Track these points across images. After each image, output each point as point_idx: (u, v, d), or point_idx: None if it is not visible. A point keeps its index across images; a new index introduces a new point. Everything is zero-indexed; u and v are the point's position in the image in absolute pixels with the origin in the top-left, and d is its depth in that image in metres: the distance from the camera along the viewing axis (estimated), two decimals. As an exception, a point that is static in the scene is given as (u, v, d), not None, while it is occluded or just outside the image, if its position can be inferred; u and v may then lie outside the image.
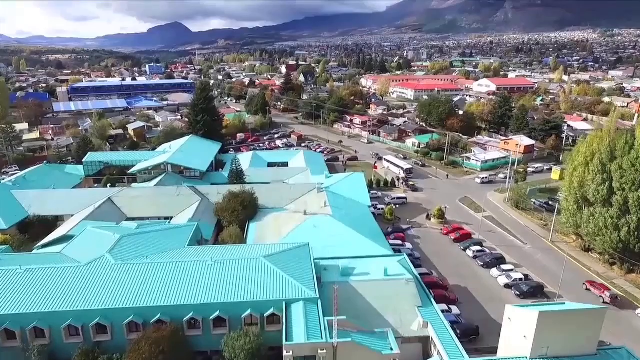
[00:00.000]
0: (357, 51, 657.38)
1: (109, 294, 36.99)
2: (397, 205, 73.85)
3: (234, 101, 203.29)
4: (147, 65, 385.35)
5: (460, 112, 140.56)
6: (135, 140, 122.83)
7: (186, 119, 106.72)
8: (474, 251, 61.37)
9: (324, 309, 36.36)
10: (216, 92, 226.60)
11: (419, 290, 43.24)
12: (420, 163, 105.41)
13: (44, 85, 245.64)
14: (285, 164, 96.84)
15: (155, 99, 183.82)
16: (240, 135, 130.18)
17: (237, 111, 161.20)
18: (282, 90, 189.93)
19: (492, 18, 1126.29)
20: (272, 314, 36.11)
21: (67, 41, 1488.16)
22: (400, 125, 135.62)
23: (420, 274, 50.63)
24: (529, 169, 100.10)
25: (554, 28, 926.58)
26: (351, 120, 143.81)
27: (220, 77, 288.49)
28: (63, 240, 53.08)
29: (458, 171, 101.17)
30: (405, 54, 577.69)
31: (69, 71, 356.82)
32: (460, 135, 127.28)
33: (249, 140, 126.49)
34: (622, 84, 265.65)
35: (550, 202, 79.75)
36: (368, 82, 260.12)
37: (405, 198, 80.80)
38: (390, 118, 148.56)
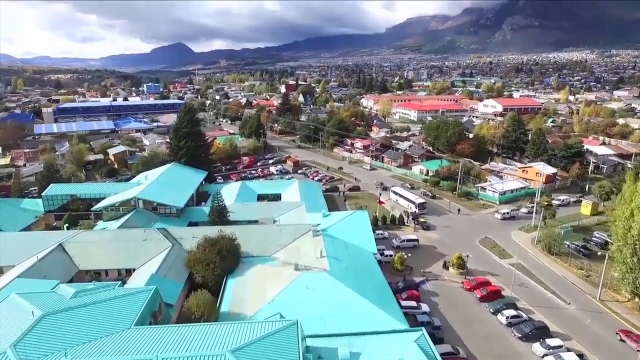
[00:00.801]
0: (358, 71, 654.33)
1: None
2: (409, 254, 61.19)
3: (230, 122, 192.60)
4: (144, 85, 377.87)
5: (470, 135, 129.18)
6: (116, 166, 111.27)
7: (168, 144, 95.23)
8: (507, 317, 48.49)
9: None
10: (211, 113, 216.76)
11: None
12: (430, 194, 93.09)
13: (35, 105, 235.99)
14: (277, 197, 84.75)
15: (145, 120, 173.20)
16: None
17: (231, 133, 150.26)
18: (280, 111, 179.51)
19: (490, 39, 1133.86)
20: None
21: (71, 61, 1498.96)
22: (406, 149, 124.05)
23: (444, 355, 38.10)
24: (553, 202, 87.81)
25: (552, 49, 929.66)
26: (352, 144, 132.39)
27: (217, 97, 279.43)
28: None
29: (473, 204, 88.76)
30: (405, 74, 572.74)
31: (65, 91, 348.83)
32: (472, 161, 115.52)
33: (243, 165, 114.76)
34: (630, 104, 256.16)
35: (587, 246, 67.20)
36: (369, 103, 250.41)
37: (417, 240, 68.18)
38: (393, 142, 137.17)
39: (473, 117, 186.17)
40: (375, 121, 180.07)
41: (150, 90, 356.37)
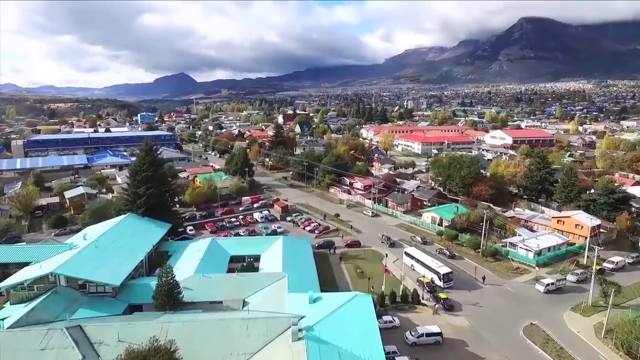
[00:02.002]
0: (357, 100, 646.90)
1: None
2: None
3: (218, 155, 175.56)
4: (138, 114, 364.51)
5: (487, 174, 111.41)
6: (72, 212, 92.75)
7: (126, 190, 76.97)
8: None
9: None
10: (201, 145, 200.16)
11: None
12: (448, 252, 74.10)
13: (15, 135, 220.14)
14: (256, 259, 65.91)
15: (125, 153, 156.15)
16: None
17: (216, 170, 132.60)
18: (272, 143, 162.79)
19: (487, 69, 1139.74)
20: None
21: (75, 90, 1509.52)
22: (413, 191, 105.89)
23: None
24: (604, 264, 68.74)
25: (548, 79, 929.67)
26: (351, 184, 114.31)
27: (210, 128, 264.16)
28: None
29: (504, 267, 69.62)
30: (405, 104, 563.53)
31: (55, 120, 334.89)
32: (491, 206, 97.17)
33: (222, 212, 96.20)
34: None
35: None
36: (369, 134, 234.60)
37: (440, 334, 48.71)
38: (398, 180, 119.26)
39: (483, 150, 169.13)
40: (376, 155, 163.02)
41: (144, 119, 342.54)
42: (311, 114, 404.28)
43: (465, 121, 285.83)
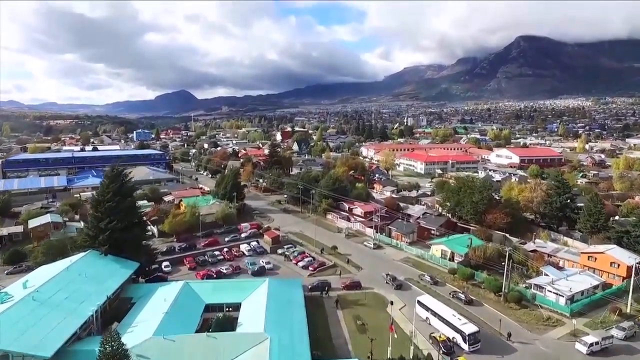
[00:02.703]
0: (357, 117, 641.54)
1: None
2: None
3: (210, 176, 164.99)
4: (134, 132, 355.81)
5: (500, 198, 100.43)
6: (36, 244, 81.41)
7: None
8: None
9: None
10: (193, 164, 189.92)
11: None
12: (464, 296, 62.60)
13: (0, 154, 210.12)
14: (236, 308, 54.53)
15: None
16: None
17: (204, 193, 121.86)
18: (267, 163, 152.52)
19: (486, 87, 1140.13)
20: None
21: (77, 107, 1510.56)
22: (419, 218, 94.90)
23: None
24: (651, 314, 57.24)
25: (547, 96, 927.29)
26: (350, 210, 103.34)
27: (205, 146, 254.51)
28: None
29: (531, 316, 57.90)
30: (405, 121, 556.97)
31: (49, 137, 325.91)
32: (508, 236, 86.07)
33: (204, 244, 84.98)
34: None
35: None
36: (369, 152, 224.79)
37: None
38: (402, 204, 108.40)
39: (489, 170, 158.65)
40: (377, 175, 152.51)
41: (140, 137, 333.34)
42: (310, 131, 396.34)
43: (468, 139, 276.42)
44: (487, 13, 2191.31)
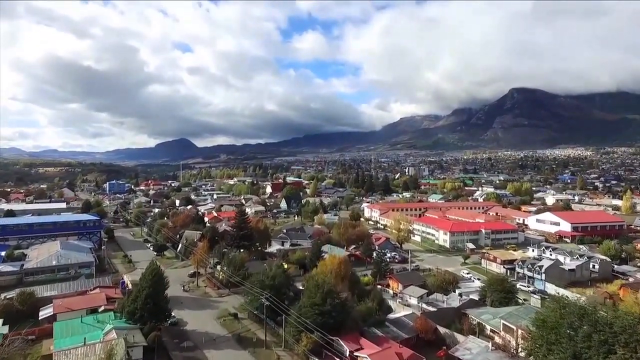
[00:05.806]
0: (355, 166, 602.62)
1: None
2: None
3: (156, 254, 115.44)
4: (107, 183, 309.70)
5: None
6: None
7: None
8: None
9: None
10: (143, 233, 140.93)
11: None
12: None
13: None
14: None
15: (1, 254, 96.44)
16: None
17: (113, 299, 72.58)
18: (233, 238, 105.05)
19: (482, 137, 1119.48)
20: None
21: (77, 155, 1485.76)
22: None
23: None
24: None
25: (544, 146, 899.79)
26: (353, 356, 53.59)
27: (177, 202, 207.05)
28: None
29: None
30: (406, 171, 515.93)
31: (14, 189, 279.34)
32: None
33: None
34: None
35: None
36: (373, 213, 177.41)
37: None
38: (442, 330, 59.23)
39: (548, 249, 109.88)
40: (388, 253, 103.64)
41: (112, 188, 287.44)
42: (305, 182, 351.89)
43: (487, 195, 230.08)
44: (477, 68, 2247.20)
